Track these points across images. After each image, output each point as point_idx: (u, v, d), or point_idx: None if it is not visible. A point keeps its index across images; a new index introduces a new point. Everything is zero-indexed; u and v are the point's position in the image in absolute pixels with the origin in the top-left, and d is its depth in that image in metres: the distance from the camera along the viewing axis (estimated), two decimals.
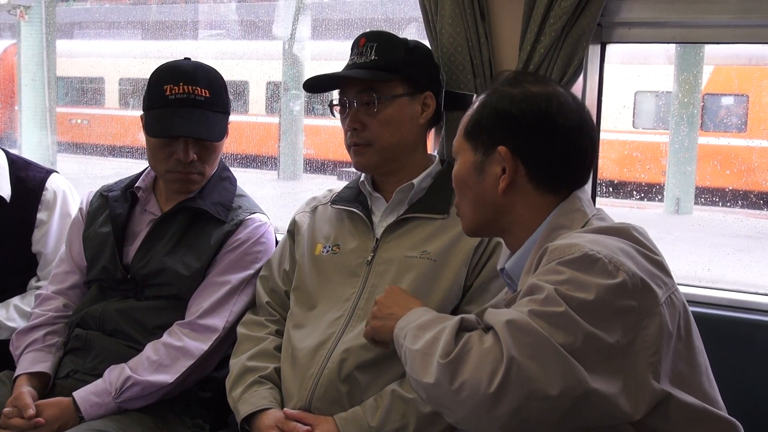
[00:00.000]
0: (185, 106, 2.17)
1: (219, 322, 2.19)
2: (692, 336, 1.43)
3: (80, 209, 2.45)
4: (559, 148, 1.53)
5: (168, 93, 2.18)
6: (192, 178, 2.25)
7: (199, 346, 2.16)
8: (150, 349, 2.16)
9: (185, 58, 2.29)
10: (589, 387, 1.27)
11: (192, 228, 2.27)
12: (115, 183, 2.43)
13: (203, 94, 2.19)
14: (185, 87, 2.18)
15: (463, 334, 1.35)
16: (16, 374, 2.24)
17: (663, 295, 1.37)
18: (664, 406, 1.34)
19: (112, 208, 2.33)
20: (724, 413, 1.43)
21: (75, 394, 2.11)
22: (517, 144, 1.52)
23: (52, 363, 2.26)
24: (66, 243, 2.44)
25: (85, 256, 2.36)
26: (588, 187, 2.29)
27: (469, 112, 1.61)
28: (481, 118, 1.57)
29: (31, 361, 2.25)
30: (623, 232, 1.43)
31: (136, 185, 2.34)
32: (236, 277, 2.23)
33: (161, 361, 2.14)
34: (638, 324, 1.32)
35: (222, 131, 2.24)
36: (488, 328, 1.35)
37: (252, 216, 2.29)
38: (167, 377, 2.13)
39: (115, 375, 2.13)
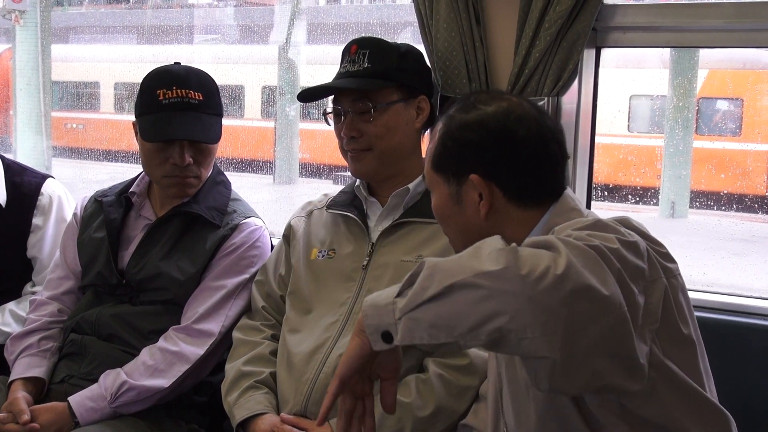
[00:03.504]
0: (179, 109, 2.17)
1: (215, 326, 2.19)
2: (688, 320, 1.42)
3: (74, 214, 2.44)
4: (527, 161, 1.51)
5: (161, 98, 2.17)
6: (188, 182, 2.24)
7: (195, 350, 2.16)
8: (146, 354, 2.16)
9: (175, 63, 2.28)
10: (625, 311, 1.22)
11: (187, 233, 2.26)
12: (110, 188, 2.43)
13: (197, 98, 2.19)
14: (178, 91, 2.17)
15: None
16: (10, 379, 2.23)
17: (666, 274, 1.37)
18: (660, 374, 1.33)
19: (106, 213, 2.32)
20: (717, 404, 1.42)
21: (70, 399, 2.11)
22: (487, 168, 1.50)
23: (47, 368, 2.26)
24: (60, 248, 2.43)
25: (80, 261, 2.35)
26: (583, 190, 2.31)
27: (432, 144, 1.59)
28: (444, 150, 1.55)
29: (26, 366, 2.24)
30: (624, 221, 1.43)
31: (130, 190, 2.34)
32: (232, 282, 2.22)
33: (157, 366, 2.13)
34: (645, 290, 1.31)
35: (217, 133, 2.23)
36: None
37: (247, 220, 2.29)
38: (163, 382, 2.12)
39: (110, 380, 2.12)
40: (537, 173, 1.52)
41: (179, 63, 2.28)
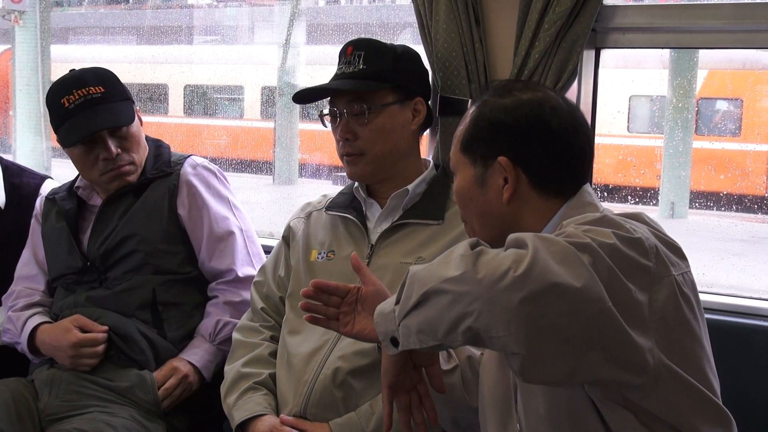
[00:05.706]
0: (86, 107, 2.24)
1: (251, 269, 2.33)
2: (699, 319, 1.42)
3: (35, 215, 2.49)
4: (557, 151, 1.53)
5: (66, 104, 2.25)
6: (125, 170, 2.30)
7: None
8: (216, 308, 2.30)
9: (71, 70, 2.35)
10: (609, 306, 1.22)
11: (139, 198, 2.33)
12: (59, 186, 2.51)
13: (98, 91, 2.26)
14: (78, 92, 2.25)
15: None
16: (32, 326, 2.30)
17: (675, 271, 1.37)
18: (664, 370, 1.33)
19: (60, 206, 2.40)
20: (721, 404, 1.42)
21: (182, 356, 2.24)
22: (517, 153, 1.51)
23: None
24: (30, 247, 2.48)
25: (46, 255, 2.42)
26: None
27: (462, 126, 1.60)
28: (476, 131, 1.56)
29: (42, 318, 2.33)
30: (637, 216, 1.44)
31: (76, 185, 2.41)
32: (231, 220, 2.36)
33: (232, 314, 2.28)
34: (651, 287, 1.32)
35: (130, 114, 2.31)
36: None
37: (185, 164, 2.37)
38: None
39: (202, 327, 2.27)
40: (564, 164, 1.53)
41: (74, 69, 2.35)
